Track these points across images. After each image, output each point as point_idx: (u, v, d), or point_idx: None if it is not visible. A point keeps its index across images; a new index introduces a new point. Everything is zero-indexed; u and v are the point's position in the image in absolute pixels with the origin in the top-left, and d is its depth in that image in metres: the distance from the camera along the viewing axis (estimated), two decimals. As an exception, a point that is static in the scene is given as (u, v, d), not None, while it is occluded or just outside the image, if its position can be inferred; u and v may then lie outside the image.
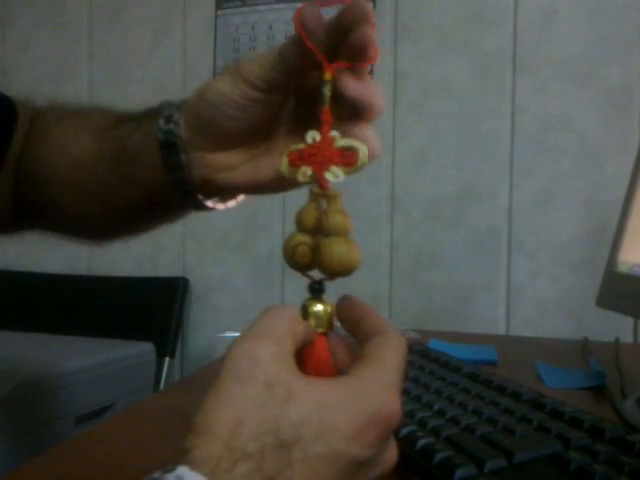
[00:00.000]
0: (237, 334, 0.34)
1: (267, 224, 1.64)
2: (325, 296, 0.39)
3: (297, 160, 0.39)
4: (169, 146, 0.49)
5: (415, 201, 1.54)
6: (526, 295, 1.47)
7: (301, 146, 0.39)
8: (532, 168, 1.46)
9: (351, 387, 0.33)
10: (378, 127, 0.44)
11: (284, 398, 0.31)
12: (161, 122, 0.49)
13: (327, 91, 0.40)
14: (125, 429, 0.62)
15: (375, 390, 0.33)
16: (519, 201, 1.47)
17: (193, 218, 0.57)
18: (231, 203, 0.56)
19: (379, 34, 0.41)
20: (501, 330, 1.48)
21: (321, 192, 0.38)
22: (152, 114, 0.51)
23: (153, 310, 1.66)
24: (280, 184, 0.49)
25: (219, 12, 1.69)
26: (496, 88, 1.49)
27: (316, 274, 0.39)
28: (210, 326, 1.70)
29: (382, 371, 0.34)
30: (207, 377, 0.31)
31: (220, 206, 0.55)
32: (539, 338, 1.31)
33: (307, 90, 0.46)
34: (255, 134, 0.48)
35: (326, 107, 0.39)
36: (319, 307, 0.38)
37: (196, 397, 0.31)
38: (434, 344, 0.95)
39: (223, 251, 1.69)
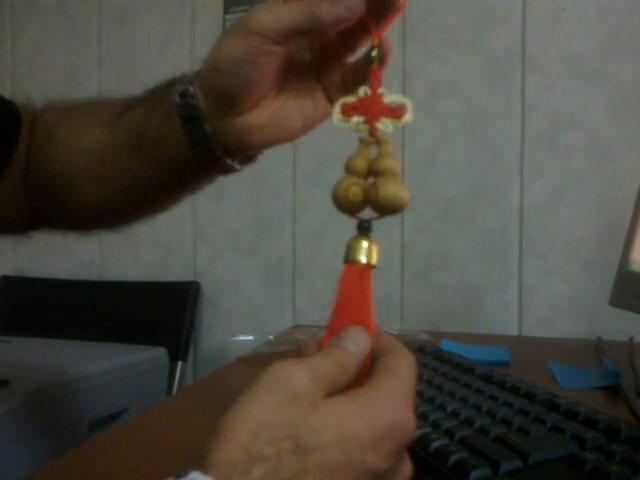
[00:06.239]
0: (250, 337, 0.34)
1: (278, 227, 1.64)
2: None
3: (350, 110, 0.42)
4: (191, 120, 0.49)
5: (425, 201, 1.53)
6: (538, 295, 1.46)
7: (352, 99, 0.42)
8: (542, 167, 1.45)
9: (369, 397, 0.33)
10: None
11: (308, 408, 0.31)
12: (177, 99, 0.49)
13: (375, 53, 0.45)
14: (139, 434, 0.62)
15: (392, 400, 0.33)
16: (530, 200, 1.46)
17: (204, 222, 0.57)
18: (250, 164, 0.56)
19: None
20: (513, 330, 1.47)
21: (373, 139, 0.41)
22: (163, 93, 0.51)
23: (165, 314, 1.66)
24: (307, 127, 0.51)
25: (227, 16, 1.69)
26: (505, 87, 1.48)
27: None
28: (222, 330, 1.70)
29: (399, 383, 0.34)
30: (220, 380, 0.32)
31: (237, 166, 0.55)
32: (552, 338, 1.30)
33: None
34: (275, 83, 0.49)
35: (375, 66, 0.44)
36: (365, 244, 0.40)
37: (209, 400, 0.32)
38: (446, 345, 0.95)
39: (234, 254, 1.69)
